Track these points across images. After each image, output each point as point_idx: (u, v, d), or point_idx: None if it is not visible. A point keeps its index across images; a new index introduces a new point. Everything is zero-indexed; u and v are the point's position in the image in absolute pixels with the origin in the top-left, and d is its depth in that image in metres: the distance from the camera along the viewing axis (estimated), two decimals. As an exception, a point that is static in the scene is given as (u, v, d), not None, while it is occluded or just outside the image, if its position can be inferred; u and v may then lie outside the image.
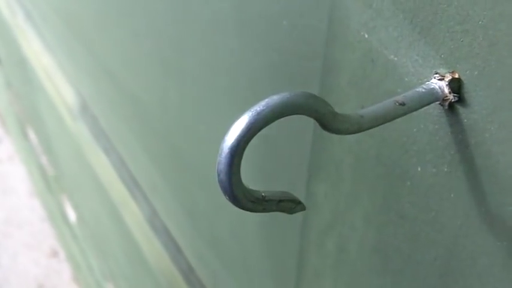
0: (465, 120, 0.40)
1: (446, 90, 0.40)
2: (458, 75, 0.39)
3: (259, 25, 0.60)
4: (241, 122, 0.34)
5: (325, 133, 0.38)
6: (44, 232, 2.13)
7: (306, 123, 0.53)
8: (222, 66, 0.70)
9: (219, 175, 0.36)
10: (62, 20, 1.25)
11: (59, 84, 1.40)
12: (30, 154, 2.06)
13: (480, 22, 0.37)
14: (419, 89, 0.40)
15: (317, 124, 0.37)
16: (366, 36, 0.45)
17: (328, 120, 0.36)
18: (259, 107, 0.35)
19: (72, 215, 1.77)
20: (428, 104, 0.40)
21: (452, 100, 0.40)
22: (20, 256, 2.02)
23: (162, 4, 0.79)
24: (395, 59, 0.43)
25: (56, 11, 1.27)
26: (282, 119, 0.36)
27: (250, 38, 0.62)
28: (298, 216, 0.62)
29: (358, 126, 0.38)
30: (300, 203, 0.40)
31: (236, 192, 0.36)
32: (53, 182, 1.88)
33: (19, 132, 2.14)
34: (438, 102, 0.40)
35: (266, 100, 0.35)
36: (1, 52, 1.94)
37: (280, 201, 0.39)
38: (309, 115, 0.36)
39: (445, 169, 0.43)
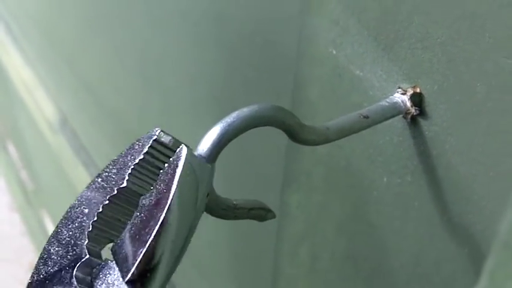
0: (427, 133, 0.42)
1: (409, 104, 0.41)
2: (420, 90, 0.41)
3: (236, 42, 0.62)
4: (213, 132, 0.36)
5: (297, 145, 0.40)
6: (24, 247, 2.12)
7: (280, 135, 0.55)
8: (201, 80, 0.72)
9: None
10: (42, 34, 1.26)
11: (39, 99, 1.41)
12: (10, 168, 2.05)
13: (439, 40, 0.39)
14: (383, 103, 0.42)
15: (287, 136, 0.39)
16: (334, 52, 0.47)
17: (295, 132, 0.38)
18: (230, 118, 0.36)
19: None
20: (392, 117, 0.42)
21: (414, 113, 0.42)
22: (-1, 270, 2.01)
23: (143, 20, 0.80)
24: (361, 74, 0.45)
25: (36, 25, 1.28)
26: (256, 131, 0.37)
27: (228, 54, 0.64)
28: (273, 226, 0.63)
29: (324, 138, 0.40)
30: (270, 211, 0.42)
31: (208, 199, 0.37)
32: (32, 196, 1.88)
33: (-1, 147, 2.14)
34: (401, 116, 0.42)
35: (237, 112, 0.37)
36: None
37: (251, 209, 0.40)
38: (277, 126, 0.37)
39: (409, 179, 0.45)
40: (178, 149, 0.34)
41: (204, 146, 0.36)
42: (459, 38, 0.38)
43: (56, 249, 0.37)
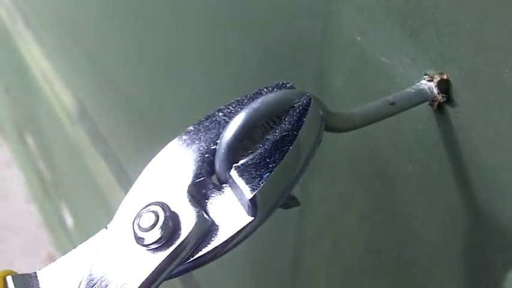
0: (453, 120, 0.41)
1: (435, 90, 0.41)
2: (447, 77, 0.41)
3: (258, 30, 0.61)
4: (239, 118, 0.36)
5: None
6: (41, 238, 2.13)
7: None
8: (222, 70, 0.71)
9: (216, 168, 0.38)
10: (61, 26, 1.26)
11: (58, 90, 1.41)
12: (28, 159, 2.07)
13: (466, 25, 0.38)
14: (409, 90, 0.41)
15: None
16: (359, 39, 0.47)
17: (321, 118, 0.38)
18: (255, 104, 0.36)
19: (69, 221, 1.77)
20: (418, 104, 0.42)
21: (441, 100, 0.41)
22: (16, 262, 2.02)
23: (163, 10, 0.80)
24: (387, 61, 0.45)
25: (55, 17, 1.28)
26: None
27: (249, 43, 0.64)
28: (294, 216, 0.63)
29: (351, 124, 0.40)
30: (294, 198, 0.41)
31: None
32: (50, 187, 1.89)
33: (17, 138, 2.15)
34: (427, 103, 0.42)
35: (262, 98, 0.37)
36: (0, 58, 1.95)
37: None
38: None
39: (435, 167, 0.45)
40: (305, 97, 0.38)
41: (230, 131, 0.36)
42: (487, 23, 0.37)
43: (168, 165, 0.40)
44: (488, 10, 0.37)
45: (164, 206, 0.37)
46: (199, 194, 0.38)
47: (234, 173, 0.36)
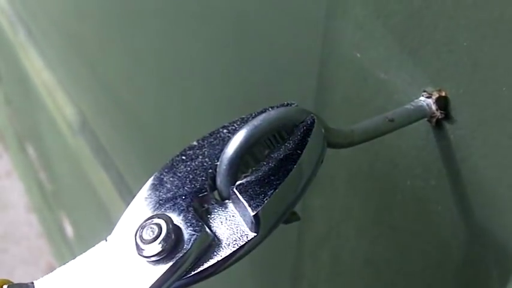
0: (451, 136, 0.42)
1: (434, 107, 0.42)
2: (445, 93, 0.41)
3: (259, 44, 0.62)
4: (240, 134, 0.37)
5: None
6: (41, 248, 2.14)
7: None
8: (222, 83, 0.72)
9: (217, 183, 0.38)
10: (63, 37, 1.27)
11: (59, 101, 1.42)
12: (28, 170, 2.07)
13: (464, 43, 0.39)
14: (408, 106, 0.42)
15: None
16: (358, 55, 0.47)
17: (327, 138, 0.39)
18: (256, 121, 0.37)
19: (69, 231, 1.78)
20: (417, 120, 0.42)
21: (439, 117, 0.42)
22: (16, 271, 2.02)
23: (164, 23, 0.81)
24: (386, 77, 0.45)
25: (57, 28, 1.29)
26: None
27: (249, 57, 0.64)
28: (294, 228, 0.64)
29: (350, 140, 0.40)
30: (295, 213, 0.42)
31: None
32: (51, 197, 1.90)
33: (18, 148, 2.16)
34: (426, 119, 0.42)
35: (263, 115, 0.37)
36: (1, 69, 1.96)
37: None
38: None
39: (433, 183, 0.45)
40: (309, 117, 0.38)
41: (231, 147, 0.37)
42: (485, 41, 0.38)
43: (171, 179, 0.40)
44: (485, 29, 0.37)
45: (167, 219, 0.37)
46: (201, 209, 0.38)
47: (237, 189, 0.37)
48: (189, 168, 0.40)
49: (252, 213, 0.36)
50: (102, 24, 1.03)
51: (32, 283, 0.39)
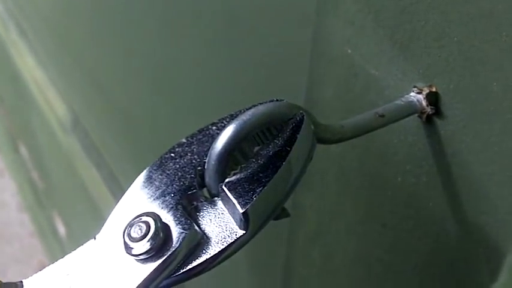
0: (442, 132, 0.42)
1: (424, 103, 0.41)
2: (436, 89, 0.41)
3: (249, 41, 0.62)
4: (228, 130, 0.36)
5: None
6: (34, 247, 2.13)
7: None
8: (212, 81, 0.72)
9: (206, 180, 0.38)
10: (54, 35, 1.27)
11: (51, 99, 1.41)
12: (20, 169, 2.06)
13: (455, 39, 0.39)
14: (399, 102, 0.42)
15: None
16: (349, 51, 0.47)
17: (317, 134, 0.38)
18: (245, 116, 0.37)
19: (61, 230, 1.77)
20: (407, 116, 0.42)
21: (430, 112, 0.42)
22: (8, 270, 2.02)
23: (154, 20, 0.81)
24: (377, 73, 0.45)
25: (49, 26, 1.29)
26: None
27: (240, 54, 0.64)
28: (285, 226, 0.63)
29: (340, 136, 0.40)
30: (284, 209, 0.42)
31: None
32: (43, 196, 1.89)
33: (10, 147, 2.15)
34: (417, 115, 0.42)
35: (252, 110, 0.37)
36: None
37: None
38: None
39: (424, 179, 0.45)
40: (299, 114, 0.38)
41: (219, 143, 0.37)
42: (475, 37, 0.38)
43: (160, 176, 0.40)
44: (476, 24, 0.37)
45: (155, 217, 0.37)
46: (190, 207, 0.38)
47: (226, 186, 0.37)
48: (177, 166, 0.40)
49: (241, 211, 0.36)
50: (94, 22, 1.03)
51: (21, 282, 0.39)
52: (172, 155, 0.40)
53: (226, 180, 0.37)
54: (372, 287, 0.56)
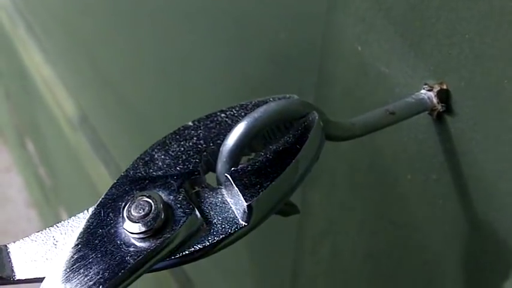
0: (452, 130, 0.42)
1: (435, 100, 0.41)
2: (446, 86, 0.41)
3: (260, 38, 0.62)
4: (240, 126, 0.36)
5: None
6: (41, 243, 2.13)
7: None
8: (222, 77, 0.72)
9: (217, 172, 0.38)
10: (63, 31, 1.27)
11: (59, 96, 1.42)
12: (28, 165, 2.07)
13: (466, 36, 0.39)
14: (409, 99, 0.42)
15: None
16: (359, 49, 0.47)
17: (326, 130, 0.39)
18: (257, 113, 0.37)
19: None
20: (418, 113, 0.42)
21: (441, 110, 0.42)
22: (16, 267, 2.02)
23: (164, 17, 0.81)
24: (387, 70, 0.45)
25: (57, 23, 1.29)
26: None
27: (251, 51, 0.64)
28: (294, 222, 0.63)
29: (350, 133, 0.40)
30: (294, 206, 0.42)
31: None
32: (50, 193, 1.89)
33: (17, 143, 2.16)
34: (427, 112, 0.42)
35: (264, 107, 0.37)
36: (1, 63, 1.96)
37: None
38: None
39: (434, 176, 0.45)
40: (311, 113, 0.38)
41: (231, 139, 0.37)
42: (487, 34, 0.37)
43: (162, 157, 0.39)
44: (487, 21, 0.37)
45: (158, 198, 0.37)
46: (192, 191, 0.38)
47: (232, 176, 0.37)
48: (182, 148, 0.39)
49: (246, 203, 0.36)
50: (103, 18, 1.03)
51: (5, 246, 0.38)
52: (178, 136, 0.40)
53: (232, 169, 0.37)
54: (381, 285, 0.56)
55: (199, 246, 0.36)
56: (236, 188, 0.36)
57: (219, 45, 0.69)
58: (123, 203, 0.37)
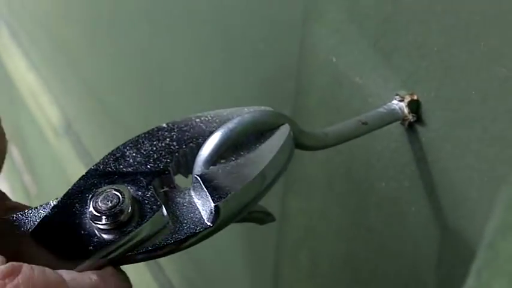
0: (423, 139, 0.43)
1: (406, 110, 0.43)
2: (417, 97, 0.42)
3: (239, 48, 0.63)
4: (215, 137, 0.37)
5: (298, 150, 0.41)
6: (26, 250, 2.12)
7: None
8: (204, 88, 0.73)
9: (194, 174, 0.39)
10: (47, 38, 1.27)
11: (43, 103, 1.42)
12: (13, 172, 2.06)
13: (435, 48, 0.40)
14: (381, 110, 0.43)
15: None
16: (334, 59, 0.48)
17: (295, 137, 0.39)
18: (231, 124, 0.38)
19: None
20: (390, 123, 0.43)
21: (411, 120, 0.43)
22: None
23: (147, 26, 0.81)
24: (361, 81, 0.46)
25: (41, 30, 1.29)
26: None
27: (230, 60, 0.65)
28: (273, 230, 0.64)
29: (323, 143, 0.41)
30: (270, 214, 0.43)
31: None
32: (36, 200, 1.89)
33: (2, 151, 2.15)
34: (399, 122, 0.43)
35: (239, 118, 0.38)
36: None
37: (251, 212, 0.41)
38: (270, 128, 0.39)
39: (407, 184, 0.46)
40: (283, 125, 0.39)
41: (206, 149, 0.38)
42: (455, 46, 0.39)
43: (134, 154, 0.40)
44: (455, 34, 0.38)
45: (125, 192, 0.37)
46: (160, 190, 0.39)
47: (201, 178, 0.37)
48: (154, 148, 0.40)
49: (213, 204, 0.37)
50: (88, 25, 1.03)
51: None
52: (151, 136, 0.41)
53: (202, 171, 0.38)
54: (358, 290, 0.57)
55: (163, 243, 0.37)
56: (205, 189, 0.37)
57: (201, 56, 0.70)
58: (90, 195, 0.37)
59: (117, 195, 0.37)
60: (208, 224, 0.37)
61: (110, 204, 0.37)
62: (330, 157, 0.54)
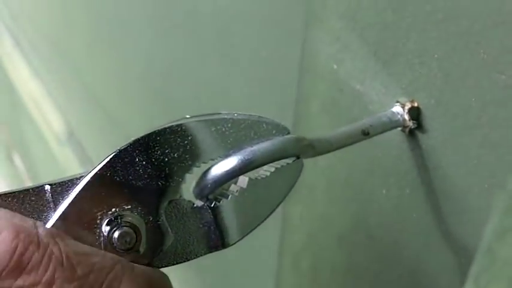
0: (424, 146, 0.43)
1: (407, 117, 0.43)
2: (417, 104, 0.42)
3: (241, 56, 0.63)
4: (233, 161, 0.38)
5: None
6: (29, 258, 2.12)
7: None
8: (205, 92, 0.73)
9: (197, 196, 0.39)
10: (50, 46, 1.28)
11: (46, 111, 1.42)
12: (15, 180, 2.07)
13: (435, 55, 0.40)
14: (382, 116, 0.43)
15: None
16: (335, 67, 0.48)
17: (306, 156, 0.40)
18: (253, 153, 0.38)
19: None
20: (390, 129, 0.43)
21: (412, 127, 0.43)
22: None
23: (149, 33, 0.82)
24: (361, 88, 0.46)
25: (44, 38, 1.29)
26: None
27: (232, 67, 0.65)
28: (275, 236, 0.64)
29: (326, 150, 0.41)
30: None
31: None
32: (38, 208, 1.89)
33: (5, 158, 2.15)
34: (399, 129, 0.44)
35: (259, 146, 0.38)
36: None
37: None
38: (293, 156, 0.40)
39: (407, 191, 0.46)
40: (299, 160, 0.40)
41: (220, 169, 0.38)
42: (455, 54, 0.39)
43: (144, 163, 0.37)
44: (455, 42, 0.38)
45: (142, 228, 0.37)
46: (168, 205, 0.38)
47: (219, 208, 0.39)
48: (166, 159, 0.37)
49: (230, 243, 0.39)
50: (90, 33, 1.04)
51: None
52: (163, 141, 0.38)
53: (220, 201, 0.38)
54: (359, 297, 0.57)
55: (165, 262, 0.39)
56: (215, 223, 0.38)
57: (203, 62, 0.70)
58: (100, 216, 0.36)
59: (133, 234, 0.37)
60: (218, 246, 0.39)
61: (127, 246, 0.37)
62: (331, 164, 0.54)
